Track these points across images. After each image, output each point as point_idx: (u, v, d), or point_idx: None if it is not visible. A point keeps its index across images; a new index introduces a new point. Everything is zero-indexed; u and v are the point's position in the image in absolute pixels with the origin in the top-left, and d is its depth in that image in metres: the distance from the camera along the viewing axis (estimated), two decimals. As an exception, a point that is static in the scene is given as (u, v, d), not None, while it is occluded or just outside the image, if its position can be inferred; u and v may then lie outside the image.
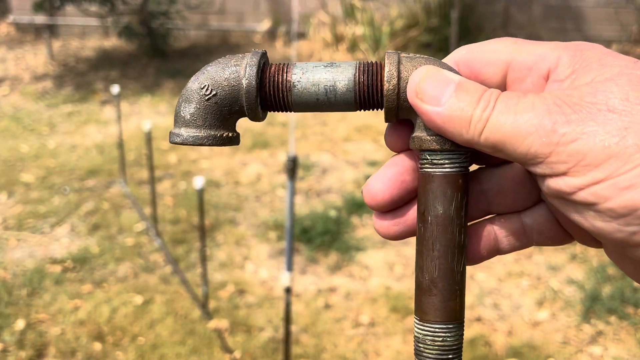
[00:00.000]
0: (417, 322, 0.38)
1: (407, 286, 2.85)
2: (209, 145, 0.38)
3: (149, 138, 3.16)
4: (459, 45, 6.41)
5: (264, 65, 0.38)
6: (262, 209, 3.60)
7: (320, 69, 0.37)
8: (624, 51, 7.78)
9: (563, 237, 0.39)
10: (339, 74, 0.37)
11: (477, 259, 0.40)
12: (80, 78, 6.43)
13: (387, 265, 3.02)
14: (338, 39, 7.24)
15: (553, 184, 0.31)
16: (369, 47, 6.98)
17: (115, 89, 3.65)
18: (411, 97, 0.35)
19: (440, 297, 0.37)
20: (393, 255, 3.11)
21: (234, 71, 0.38)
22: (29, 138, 4.77)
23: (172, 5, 7.06)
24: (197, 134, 0.38)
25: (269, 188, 3.87)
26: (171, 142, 0.39)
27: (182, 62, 6.97)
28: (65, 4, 6.76)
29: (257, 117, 0.39)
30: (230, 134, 0.39)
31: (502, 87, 0.37)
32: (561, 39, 8.35)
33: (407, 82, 0.36)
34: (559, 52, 0.34)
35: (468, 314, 2.65)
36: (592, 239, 0.37)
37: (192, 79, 0.39)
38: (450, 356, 0.37)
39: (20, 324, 2.56)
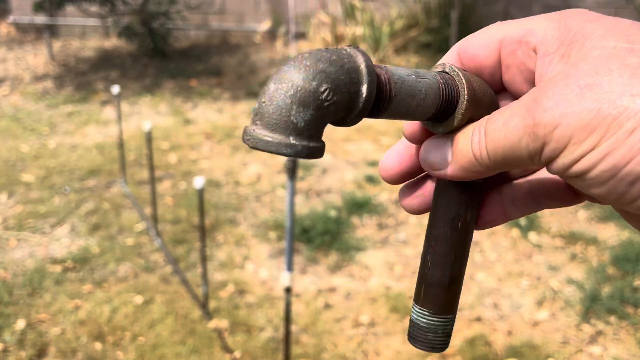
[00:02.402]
0: (430, 314, 0.41)
1: (407, 286, 2.85)
2: (316, 157, 0.33)
3: (149, 138, 3.16)
4: (459, 45, 6.43)
5: None
6: (262, 209, 3.60)
7: (412, 79, 0.36)
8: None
9: (572, 196, 0.41)
10: (429, 87, 0.37)
11: (484, 225, 0.43)
12: (80, 78, 6.43)
13: (387, 265, 3.02)
14: (338, 39, 7.24)
15: (552, 167, 0.33)
16: (369, 47, 6.98)
17: (115, 89, 3.65)
18: (428, 171, 0.39)
19: (457, 293, 0.41)
20: (393, 255, 3.11)
21: (354, 74, 0.33)
22: (29, 138, 4.78)
23: (172, 5, 7.06)
24: (310, 145, 0.32)
25: (269, 188, 3.87)
26: (275, 152, 0.32)
27: (182, 62, 6.98)
28: (66, 4, 6.76)
29: (352, 124, 0.36)
30: (324, 144, 0.34)
31: (498, 65, 0.39)
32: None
33: (476, 100, 0.38)
34: (545, 24, 0.36)
35: (468, 314, 2.65)
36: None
37: (305, 76, 0.32)
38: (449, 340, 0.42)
39: (20, 323, 2.56)
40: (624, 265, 3.00)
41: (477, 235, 3.16)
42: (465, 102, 0.37)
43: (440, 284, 0.40)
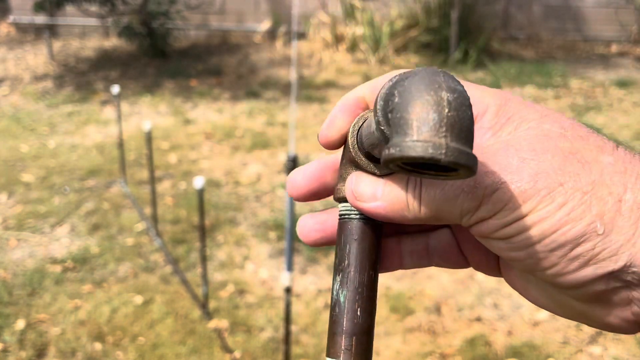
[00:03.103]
0: None
1: (407, 286, 2.85)
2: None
3: (149, 138, 3.16)
4: (458, 45, 6.37)
5: None
6: (262, 209, 3.60)
7: None
8: (624, 51, 7.78)
9: (462, 262, 0.43)
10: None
11: (381, 270, 0.43)
12: (80, 78, 6.43)
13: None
14: (338, 39, 7.24)
15: (480, 227, 0.35)
16: (369, 47, 6.98)
17: (115, 89, 3.65)
18: (352, 201, 0.39)
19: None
20: (393, 255, 3.11)
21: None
22: (29, 138, 4.78)
23: (172, 5, 7.06)
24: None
25: (269, 188, 3.87)
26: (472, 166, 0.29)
27: (182, 62, 6.97)
28: (66, 4, 6.76)
29: None
30: None
31: None
32: (561, 39, 8.34)
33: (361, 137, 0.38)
34: (488, 100, 0.38)
35: (468, 314, 2.65)
36: (487, 266, 0.42)
37: (460, 86, 0.30)
38: None
39: (20, 324, 2.56)
40: (624, 265, 3.00)
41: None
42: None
43: (370, 331, 0.38)
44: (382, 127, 0.31)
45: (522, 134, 0.36)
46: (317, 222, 0.43)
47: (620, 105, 5.73)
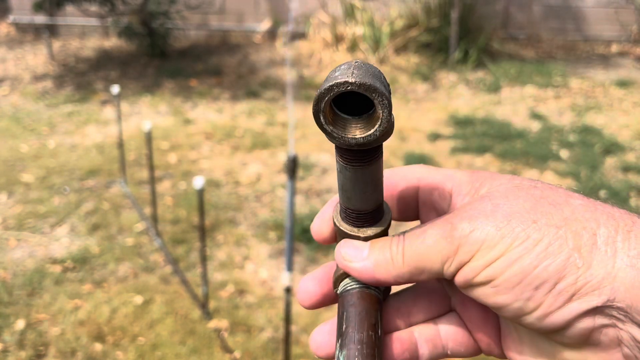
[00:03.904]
0: None
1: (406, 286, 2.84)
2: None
3: (149, 138, 3.16)
4: (458, 45, 6.38)
5: None
6: (262, 209, 3.60)
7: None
8: (624, 51, 7.78)
9: (473, 345, 0.43)
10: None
11: None
12: (80, 78, 6.43)
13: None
14: (338, 39, 7.24)
15: (462, 273, 0.36)
16: (369, 47, 6.98)
17: (115, 89, 3.65)
18: (340, 263, 0.41)
19: None
20: (393, 255, 3.11)
21: None
22: (29, 138, 4.77)
23: (172, 5, 7.05)
24: None
25: (269, 188, 3.87)
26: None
27: (182, 62, 6.97)
28: (65, 4, 6.76)
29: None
30: None
31: (415, 199, 0.44)
32: (561, 39, 8.33)
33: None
34: (460, 174, 0.42)
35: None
36: (494, 343, 0.42)
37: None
38: None
39: (20, 324, 2.56)
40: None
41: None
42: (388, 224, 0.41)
43: None
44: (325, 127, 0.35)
45: (495, 189, 0.38)
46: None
47: (621, 105, 5.73)
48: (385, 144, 0.38)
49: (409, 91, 6.07)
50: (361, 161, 0.37)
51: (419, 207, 0.45)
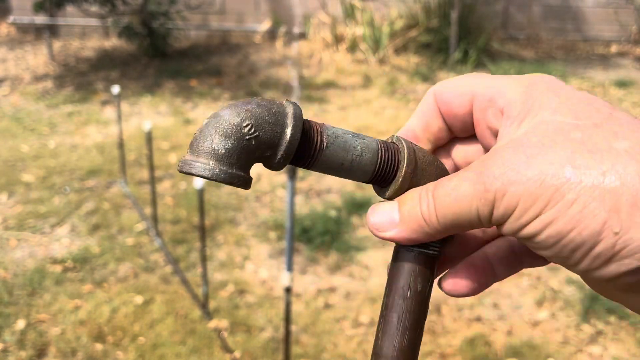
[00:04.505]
0: None
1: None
2: (237, 185, 0.37)
3: (149, 138, 3.16)
4: (458, 45, 6.38)
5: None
6: (262, 209, 3.60)
7: (349, 137, 0.39)
8: (624, 51, 7.79)
9: (544, 260, 0.43)
10: (366, 146, 0.39)
11: (473, 290, 0.43)
12: (80, 78, 6.43)
13: (387, 265, 3.02)
14: (338, 39, 7.24)
15: (501, 229, 0.36)
16: (368, 48, 6.98)
17: (115, 89, 3.65)
18: (375, 233, 0.40)
19: None
20: (393, 255, 3.11)
21: (280, 117, 0.37)
22: (29, 138, 4.78)
23: (172, 5, 7.06)
24: (229, 171, 0.36)
25: (269, 188, 3.87)
26: (196, 174, 0.35)
27: (182, 62, 6.97)
28: (66, 4, 6.76)
29: (281, 167, 0.39)
30: (250, 178, 0.38)
31: (470, 116, 0.42)
32: (561, 39, 8.32)
33: (420, 169, 0.40)
34: (514, 88, 0.38)
35: (468, 314, 2.66)
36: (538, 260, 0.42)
37: (231, 112, 0.36)
38: None
39: (20, 323, 2.56)
40: (624, 265, 3.00)
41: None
42: (404, 167, 0.39)
43: (387, 356, 0.39)
44: None
45: (533, 129, 0.35)
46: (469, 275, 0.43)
47: (620, 105, 5.73)
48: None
49: (409, 91, 6.07)
50: (301, 164, 0.39)
51: (475, 125, 0.42)
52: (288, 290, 2.04)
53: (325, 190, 3.84)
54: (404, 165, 0.39)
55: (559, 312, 2.70)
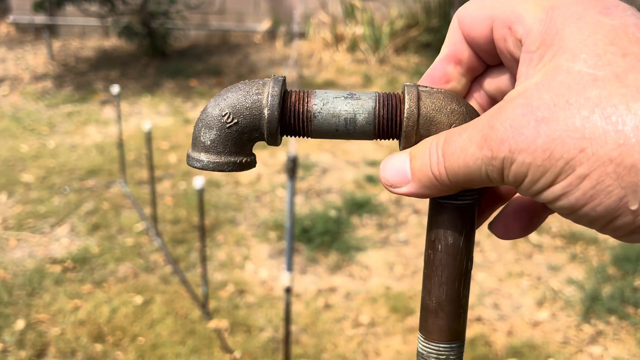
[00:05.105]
0: (422, 340, 0.40)
1: (407, 286, 2.85)
2: (229, 171, 0.39)
3: (149, 138, 3.16)
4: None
5: (284, 93, 0.39)
6: (262, 209, 3.60)
7: (340, 100, 0.38)
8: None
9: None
10: (359, 107, 0.38)
11: (529, 231, 0.42)
12: (80, 78, 6.43)
13: (387, 265, 3.02)
14: (338, 39, 7.24)
15: (517, 190, 0.35)
16: (369, 47, 6.98)
17: (115, 89, 3.65)
18: (388, 189, 0.39)
19: (446, 319, 0.39)
20: (393, 255, 3.11)
21: (256, 100, 0.38)
22: (29, 138, 4.77)
23: (172, 5, 7.05)
24: (218, 160, 0.39)
25: (269, 188, 3.87)
26: (190, 165, 0.40)
27: (182, 62, 6.97)
28: (65, 3, 6.76)
29: (275, 143, 0.40)
30: (247, 159, 0.40)
31: (491, 41, 0.38)
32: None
33: (425, 119, 0.38)
34: (534, 13, 0.34)
35: (469, 314, 2.65)
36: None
37: (212, 104, 0.39)
38: None
39: (20, 324, 2.56)
40: (624, 265, 3.00)
41: (477, 235, 3.15)
42: (405, 121, 0.38)
43: (427, 307, 0.39)
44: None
45: (548, 80, 0.31)
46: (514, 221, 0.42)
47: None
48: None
49: (409, 91, 6.07)
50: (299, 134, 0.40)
51: (499, 54, 0.38)
52: (288, 290, 2.04)
53: (325, 190, 3.84)
54: (404, 119, 0.38)
55: (559, 312, 2.69)
